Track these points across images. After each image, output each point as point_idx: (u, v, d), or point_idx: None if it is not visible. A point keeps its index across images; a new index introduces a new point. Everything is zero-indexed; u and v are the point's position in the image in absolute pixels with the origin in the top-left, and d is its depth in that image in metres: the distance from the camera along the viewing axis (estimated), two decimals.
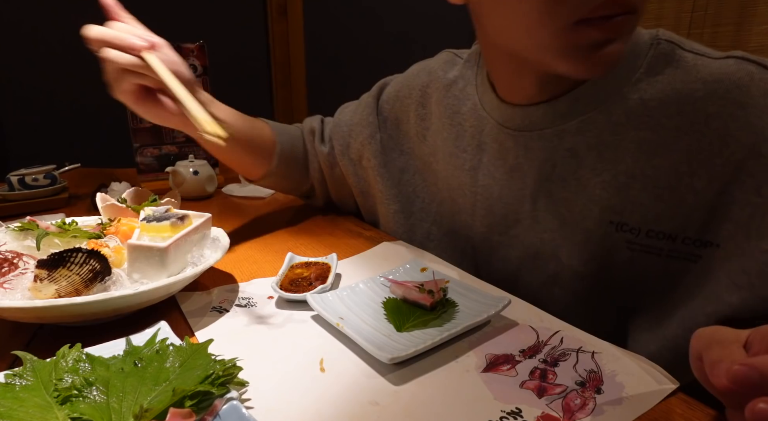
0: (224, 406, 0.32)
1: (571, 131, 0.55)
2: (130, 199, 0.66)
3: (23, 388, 0.34)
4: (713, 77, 0.48)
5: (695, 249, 0.50)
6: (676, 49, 0.51)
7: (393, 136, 0.77)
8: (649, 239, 0.52)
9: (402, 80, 0.78)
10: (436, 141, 0.70)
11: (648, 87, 0.51)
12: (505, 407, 0.36)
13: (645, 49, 0.52)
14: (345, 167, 0.81)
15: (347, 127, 0.80)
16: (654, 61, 0.51)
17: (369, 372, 0.41)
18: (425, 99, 0.73)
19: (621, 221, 0.53)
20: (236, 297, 0.55)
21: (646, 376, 0.39)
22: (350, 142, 0.80)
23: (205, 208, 0.64)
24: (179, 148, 1.14)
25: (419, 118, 0.73)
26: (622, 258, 0.54)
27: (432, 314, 0.48)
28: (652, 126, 0.51)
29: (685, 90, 0.49)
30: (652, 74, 0.51)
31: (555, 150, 0.56)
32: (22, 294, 0.45)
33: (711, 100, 0.48)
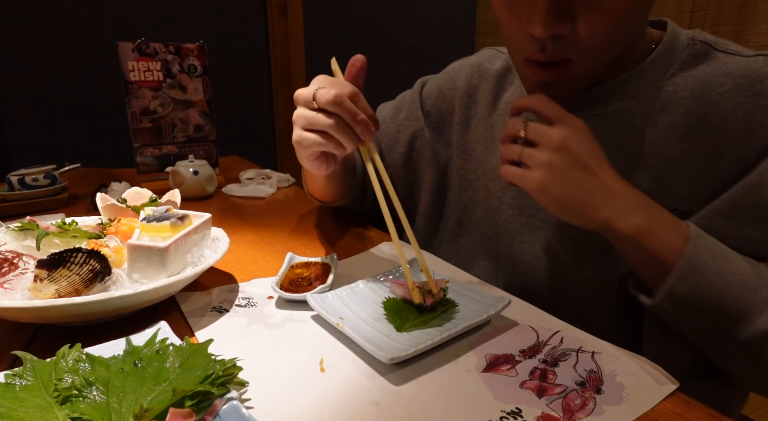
0: (224, 406, 0.32)
1: (606, 116, 0.57)
2: (130, 199, 0.66)
3: (23, 388, 0.34)
4: (741, 72, 0.52)
5: None
6: (710, 49, 0.55)
7: (437, 129, 0.79)
8: None
9: (444, 76, 0.80)
10: (479, 127, 0.72)
11: (681, 80, 0.55)
12: (505, 407, 0.36)
13: (681, 49, 0.56)
14: (393, 162, 0.82)
15: (394, 124, 0.82)
16: (688, 59, 0.55)
17: (369, 372, 0.41)
18: (471, 89, 0.75)
19: None
20: (236, 297, 0.55)
21: (646, 376, 0.39)
22: (399, 137, 0.81)
23: (205, 209, 0.64)
24: (179, 148, 1.14)
25: (464, 107, 0.75)
26: None
27: (432, 314, 0.48)
28: (682, 113, 0.54)
29: (714, 83, 0.53)
30: (686, 70, 0.55)
31: None
32: (22, 294, 0.45)
33: (738, 91, 0.52)
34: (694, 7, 1.75)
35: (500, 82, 0.71)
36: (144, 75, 1.07)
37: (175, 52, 1.09)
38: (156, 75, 1.08)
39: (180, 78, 1.11)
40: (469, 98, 0.75)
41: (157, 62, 1.08)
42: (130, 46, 1.05)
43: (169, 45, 1.08)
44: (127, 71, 1.06)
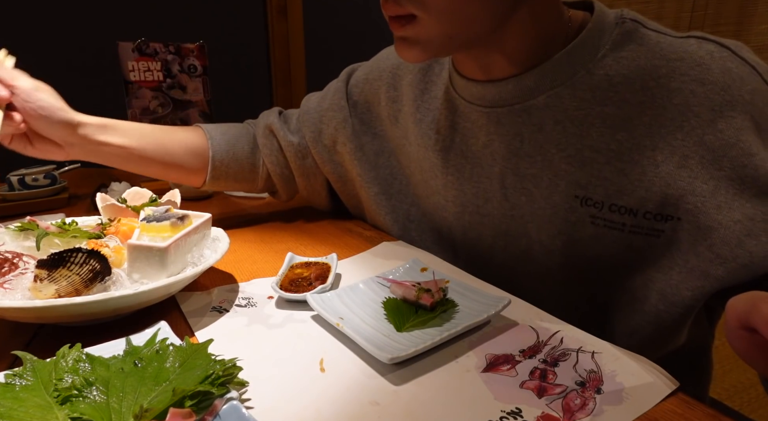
0: (224, 406, 0.32)
1: (538, 106, 0.56)
2: (130, 199, 0.66)
3: (23, 388, 0.34)
4: (676, 55, 0.51)
5: (656, 224, 0.52)
6: (639, 27, 0.53)
7: (364, 120, 0.77)
8: (611, 213, 0.54)
9: (371, 64, 0.78)
10: (408, 123, 0.71)
11: (613, 63, 0.53)
12: (505, 407, 0.36)
13: (610, 28, 0.54)
14: (319, 155, 0.79)
15: (317, 114, 0.79)
16: (618, 38, 0.53)
17: (369, 372, 0.41)
18: (396, 81, 0.73)
19: (585, 196, 0.55)
20: (236, 297, 0.55)
21: (646, 376, 0.39)
22: (322, 129, 0.78)
23: (205, 209, 0.64)
24: None
25: (390, 101, 0.73)
26: (587, 233, 0.55)
27: (432, 314, 0.48)
28: (616, 102, 0.52)
29: (648, 66, 0.51)
30: (617, 51, 0.53)
31: (523, 125, 0.57)
32: (22, 294, 0.45)
33: (673, 77, 0.50)
34: (694, 7, 1.75)
35: (426, 73, 0.69)
36: (144, 75, 1.08)
37: (175, 52, 1.09)
38: (156, 75, 1.09)
39: (180, 78, 1.11)
40: (395, 91, 0.73)
41: (157, 62, 1.08)
42: (130, 46, 1.05)
43: (169, 45, 1.09)
44: (127, 71, 1.06)
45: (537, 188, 0.57)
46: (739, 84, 0.48)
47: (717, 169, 0.48)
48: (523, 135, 0.57)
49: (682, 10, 1.79)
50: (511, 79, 0.56)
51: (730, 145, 0.48)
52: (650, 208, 0.52)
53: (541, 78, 0.55)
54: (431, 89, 0.68)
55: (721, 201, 0.48)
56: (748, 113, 0.48)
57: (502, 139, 0.59)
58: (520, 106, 0.57)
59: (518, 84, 0.56)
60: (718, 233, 0.48)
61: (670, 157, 0.50)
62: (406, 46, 0.54)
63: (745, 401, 1.49)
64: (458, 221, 0.66)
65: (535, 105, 0.56)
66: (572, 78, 0.54)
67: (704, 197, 0.49)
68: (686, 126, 0.49)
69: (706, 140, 0.48)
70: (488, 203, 0.62)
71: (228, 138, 0.79)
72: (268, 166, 0.80)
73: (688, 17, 1.77)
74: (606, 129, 0.53)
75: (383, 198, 0.75)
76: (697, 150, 0.49)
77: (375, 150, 0.76)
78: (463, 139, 0.64)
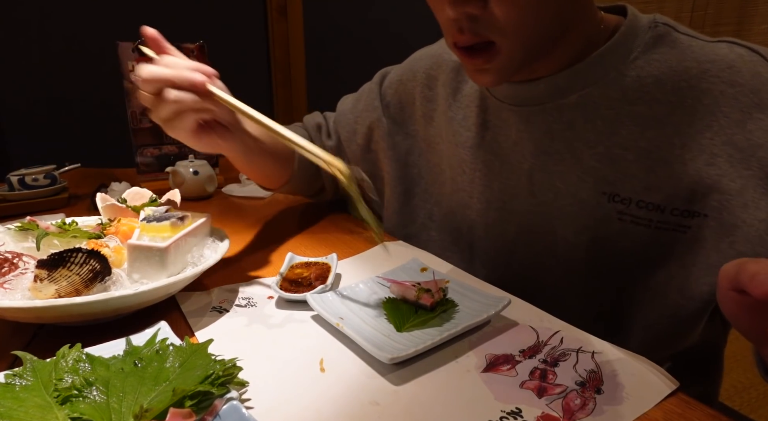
0: (224, 406, 0.32)
1: (569, 105, 0.57)
2: (130, 199, 0.66)
3: (23, 388, 0.34)
4: (707, 57, 0.51)
5: (683, 220, 0.52)
6: (671, 31, 0.54)
7: (397, 120, 0.79)
8: (639, 209, 0.54)
9: (404, 66, 0.80)
10: (442, 122, 0.72)
11: (644, 64, 0.54)
12: (505, 407, 0.36)
13: (643, 31, 0.55)
14: (353, 154, 0.82)
15: (353, 115, 0.82)
16: (651, 41, 0.54)
17: (369, 372, 0.41)
18: (431, 81, 0.74)
19: (613, 192, 0.55)
20: (236, 297, 0.55)
21: (646, 376, 0.39)
22: (357, 129, 0.81)
23: (205, 209, 0.64)
24: (179, 148, 1.14)
25: (426, 100, 0.75)
26: (614, 229, 0.56)
27: (432, 314, 0.48)
28: (647, 101, 0.53)
29: (679, 68, 0.52)
30: (649, 53, 0.54)
31: (554, 123, 0.58)
32: (22, 294, 0.45)
33: (704, 78, 0.51)
34: (694, 7, 1.75)
35: (459, 73, 0.70)
36: None
37: None
38: None
39: None
40: (429, 91, 0.74)
41: None
42: (130, 46, 1.05)
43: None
44: (127, 71, 1.06)
45: (565, 185, 0.58)
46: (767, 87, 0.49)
47: (745, 169, 0.49)
48: (553, 133, 0.58)
49: (682, 10, 1.79)
50: (543, 80, 0.57)
51: (758, 145, 0.48)
52: (678, 205, 0.52)
53: (574, 79, 0.56)
54: (463, 88, 0.69)
55: (747, 199, 0.49)
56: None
57: (531, 137, 0.60)
58: (551, 105, 0.58)
59: (550, 84, 0.57)
60: (742, 231, 0.49)
61: (698, 156, 0.51)
62: (485, 74, 0.54)
63: (745, 401, 1.49)
64: (482, 218, 0.67)
65: (566, 104, 0.57)
66: (604, 78, 0.55)
67: (730, 195, 0.49)
68: (715, 125, 0.50)
69: (734, 140, 0.49)
70: (515, 200, 0.63)
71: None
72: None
73: (688, 17, 1.77)
74: (636, 128, 0.54)
75: (406, 198, 0.77)
76: (725, 149, 0.50)
77: (406, 149, 0.78)
78: (493, 137, 0.64)
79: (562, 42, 0.54)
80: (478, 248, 0.68)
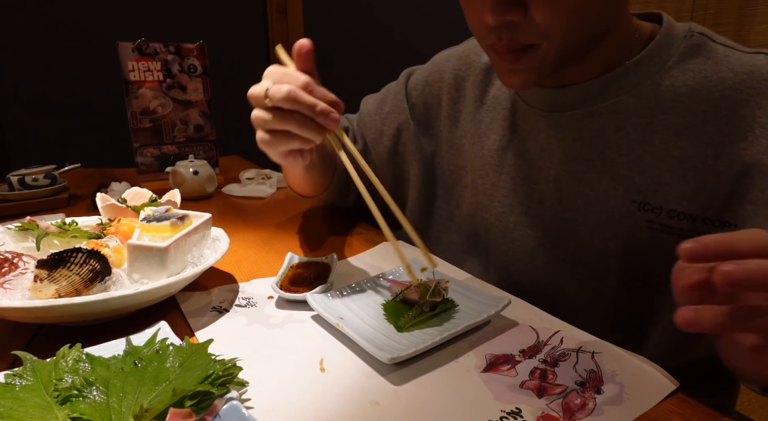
0: (224, 406, 0.32)
1: (601, 112, 0.56)
2: (130, 199, 0.66)
3: (23, 388, 0.34)
4: (744, 69, 0.51)
5: (714, 229, 0.52)
6: (707, 41, 0.54)
7: (422, 122, 0.78)
8: (670, 218, 0.53)
9: (430, 66, 0.79)
10: (468, 123, 0.72)
11: (679, 75, 0.53)
12: (505, 407, 0.36)
13: (678, 41, 0.54)
14: (379, 156, 0.81)
15: (379, 117, 0.81)
16: (686, 50, 0.54)
17: (369, 372, 0.41)
18: (459, 82, 0.73)
19: (644, 201, 0.55)
20: (236, 297, 0.55)
21: (646, 376, 0.39)
22: (384, 130, 0.80)
23: (205, 209, 0.64)
24: (179, 148, 1.14)
25: (452, 101, 0.74)
26: (643, 237, 0.55)
27: (432, 314, 0.48)
28: (680, 111, 0.53)
29: (715, 78, 0.52)
30: (684, 63, 0.53)
31: (584, 130, 0.57)
32: (22, 294, 0.45)
33: (740, 89, 0.50)
34: (694, 7, 1.75)
35: (488, 75, 0.70)
36: (144, 75, 1.07)
37: (175, 52, 1.09)
38: (156, 75, 1.08)
39: (180, 78, 1.11)
40: (457, 92, 0.73)
41: (157, 62, 1.08)
42: (130, 46, 1.05)
43: (169, 45, 1.08)
44: (127, 71, 1.06)
45: (594, 192, 0.57)
46: None
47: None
48: (584, 139, 0.58)
49: (682, 10, 1.79)
50: (575, 86, 0.57)
51: None
52: (710, 215, 0.52)
53: (607, 86, 0.55)
54: (492, 90, 0.69)
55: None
56: None
57: (560, 143, 0.59)
58: (582, 111, 0.57)
59: (581, 91, 0.57)
60: None
61: (732, 166, 0.50)
62: (516, 75, 0.53)
63: (745, 401, 1.49)
64: (500, 222, 0.66)
65: (597, 111, 0.56)
66: (637, 87, 0.54)
67: (757, 206, 0.49)
68: (750, 136, 0.49)
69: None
70: (541, 205, 0.62)
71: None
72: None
73: (689, 17, 1.77)
74: (669, 137, 0.53)
75: (429, 200, 0.77)
76: (760, 159, 0.49)
77: (432, 151, 0.77)
78: (521, 141, 0.64)
79: (596, 48, 0.54)
80: (492, 252, 0.68)
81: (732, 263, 0.28)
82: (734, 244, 0.30)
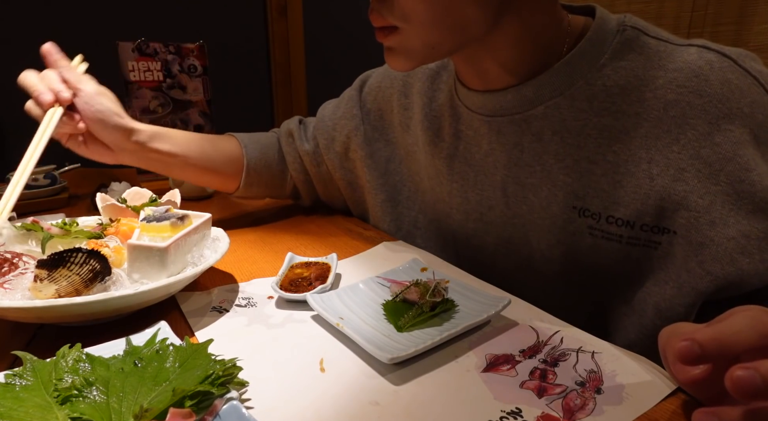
0: (224, 406, 0.32)
1: (537, 116, 0.56)
2: (130, 199, 0.66)
3: (23, 388, 0.34)
4: (674, 65, 0.49)
5: (653, 236, 0.51)
6: (640, 35, 0.52)
7: (377, 127, 0.78)
8: (608, 224, 0.53)
9: (383, 71, 0.79)
10: (418, 130, 0.71)
11: (612, 73, 0.52)
12: (505, 407, 0.36)
13: (611, 36, 0.53)
14: (331, 161, 0.81)
15: (331, 122, 0.81)
16: (619, 47, 0.52)
17: (369, 372, 0.41)
18: (407, 89, 0.73)
19: (583, 207, 0.54)
20: (236, 297, 0.55)
21: (646, 376, 0.39)
22: (335, 136, 0.80)
23: (205, 209, 0.64)
24: None
25: (402, 108, 0.74)
26: (586, 244, 0.55)
27: (432, 314, 0.48)
28: (613, 112, 0.52)
29: (646, 77, 0.50)
30: (617, 60, 0.52)
31: (523, 134, 0.57)
32: (22, 294, 0.45)
33: (670, 88, 0.49)
34: (694, 7, 1.75)
35: (434, 81, 0.69)
36: (144, 75, 1.08)
37: (175, 52, 1.09)
38: (156, 75, 1.09)
39: (180, 78, 1.11)
40: (405, 99, 0.73)
41: (157, 62, 1.08)
42: (130, 46, 1.05)
43: (169, 45, 1.09)
44: (127, 71, 1.06)
45: (536, 198, 0.57)
46: (738, 96, 0.46)
47: (713, 184, 0.47)
48: (523, 145, 0.57)
49: (682, 10, 1.78)
50: (511, 90, 0.56)
51: (727, 159, 0.46)
52: (647, 221, 0.51)
53: (540, 89, 0.55)
54: (438, 97, 0.68)
55: (715, 217, 0.47)
56: (746, 126, 0.46)
57: (503, 148, 0.59)
58: (520, 116, 0.57)
59: (517, 94, 0.56)
60: (710, 250, 0.47)
61: (665, 170, 0.49)
62: (392, 56, 0.55)
63: None
64: (462, 228, 0.66)
65: (534, 115, 0.56)
66: (570, 88, 0.53)
67: (698, 213, 0.48)
68: (683, 139, 0.48)
69: (702, 154, 0.47)
70: (491, 211, 0.62)
71: (260, 146, 0.82)
72: (292, 172, 0.83)
73: (688, 17, 1.77)
74: (603, 140, 0.52)
75: (389, 205, 0.76)
76: (693, 163, 0.48)
77: (386, 157, 0.77)
78: (467, 147, 0.64)
79: (504, 42, 0.53)
80: (462, 256, 0.68)
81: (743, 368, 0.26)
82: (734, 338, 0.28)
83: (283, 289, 0.53)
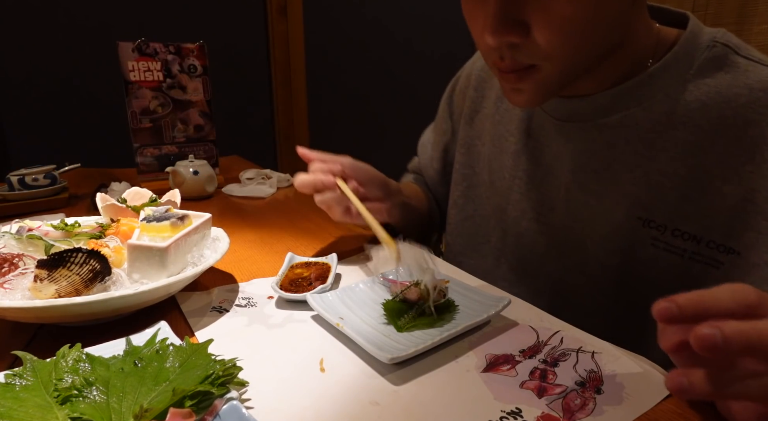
0: (224, 406, 0.32)
1: (611, 125, 0.55)
2: (130, 199, 0.66)
3: (23, 388, 0.34)
4: (760, 85, 0.48)
5: (718, 254, 0.50)
6: (730, 53, 0.51)
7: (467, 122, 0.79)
8: (674, 237, 0.52)
9: (466, 68, 0.79)
10: (485, 124, 0.71)
11: (694, 88, 0.51)
12: (505, 407, 0.36)
13: (700, 51, 0.52)
14: (431, 180, 0.84)
15: (430, 144, 0.85)
16: (706, 63, 0.51)
17: (369, 372, 0.41)
18: (481, 83, 0.73)
19: (649, 218, 0.54)
20: (236, 297, 0.55)
21: (646, 376, 0.39)
22: (433, 155, 0.84)
23: (205, 209, 0.64)
24: (179, 148, 1.14)
25: (471, 101, 0.74)
26: (646, 255, 0.54)
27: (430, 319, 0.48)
28: (690, 127, 0.51)
29: (729, 94, 0.49)
30: (701, 77, 0.51)
31: (593, 142, 0.57)
32: (22, 294, 0.45)
33: (752, 107, 0.48)
34: (694, 7, 1.75)
35: None
36: (144, 75, 1.07)
37: (175, 52, 1.09)
38: (156, 75, 1.08)
39: (180, 78, 1.11)
40: (476, 92, 0.73)
41: (157, 62, 1.08)
42: (130, 46, 1.05)
43: (169, 45, 1.08)
44: (127, 71, 1.06)
45: (600, 205, 0.57)
46: None
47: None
48: (592, 151, 0.57)
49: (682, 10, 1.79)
50: (588, 98, 0.55)
51: None
52: (714, 237, 0.50)
53: (619, 98, 0.54)
54: None
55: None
56: None
57: (571, 153, 0.59)
58: (592, 123, 0.56)
59: (593, 103, 0.55)
60: (760, 272, 0.46)
61: (737, 188, 0.48)
62: (520, 94, 0.52)
63: None
64: (514, 226, 0.66)
65: (606, 124, 0.55)
66: (650, 100, 0.53)
67: (761, 234, 0.47)
68: (758, 158, 0.47)
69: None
70: (551, 212, 0.62)
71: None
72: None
73: None
74: (677, 154, 0.51)
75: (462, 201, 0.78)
76: (765, 184, 0.47)
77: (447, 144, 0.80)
78: (536, 146, 0.63)
79: (607, 61, 0.52)
80: (504, 256, 0.67)
81: (708, 326, 0.26)
82: (711, 303, 0.28)
83: (283, 289, 0.53)
